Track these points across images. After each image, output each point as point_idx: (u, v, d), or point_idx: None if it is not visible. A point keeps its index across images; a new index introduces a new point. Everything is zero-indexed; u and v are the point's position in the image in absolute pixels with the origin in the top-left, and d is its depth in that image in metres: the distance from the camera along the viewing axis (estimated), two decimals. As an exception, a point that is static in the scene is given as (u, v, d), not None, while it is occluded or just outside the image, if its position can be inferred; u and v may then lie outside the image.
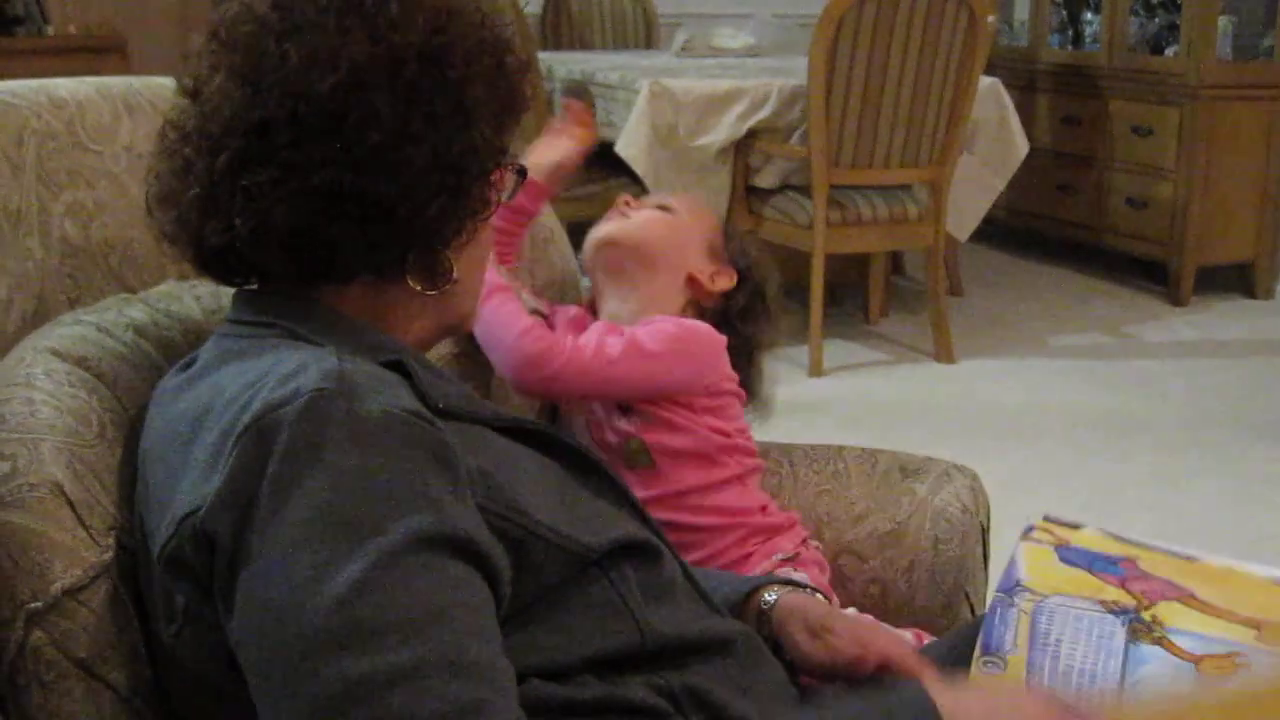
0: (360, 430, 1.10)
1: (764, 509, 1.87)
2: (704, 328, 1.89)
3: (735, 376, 1.92)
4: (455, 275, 1.31)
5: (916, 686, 1.12)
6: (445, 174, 1.24)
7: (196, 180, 1.24)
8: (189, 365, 1.28)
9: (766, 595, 1.50)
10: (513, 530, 1.17)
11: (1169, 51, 6.01)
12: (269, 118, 1.20)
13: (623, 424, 1.84)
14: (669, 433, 1.82)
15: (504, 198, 1.35)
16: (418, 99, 1.22)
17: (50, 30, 5.47)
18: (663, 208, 1.97)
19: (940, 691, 1.13)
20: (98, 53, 5.18)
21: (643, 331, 1.82)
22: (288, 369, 1.14)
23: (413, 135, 1.22)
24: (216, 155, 1.22)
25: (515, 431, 1.32)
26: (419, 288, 1.30)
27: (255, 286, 1.32)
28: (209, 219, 1.24)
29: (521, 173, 1.39)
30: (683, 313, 1.92)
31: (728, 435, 1.87)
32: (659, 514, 1.61)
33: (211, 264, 1.29)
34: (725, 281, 1.96)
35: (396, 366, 1.24)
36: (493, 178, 1.30)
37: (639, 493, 1.60)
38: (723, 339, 1.90)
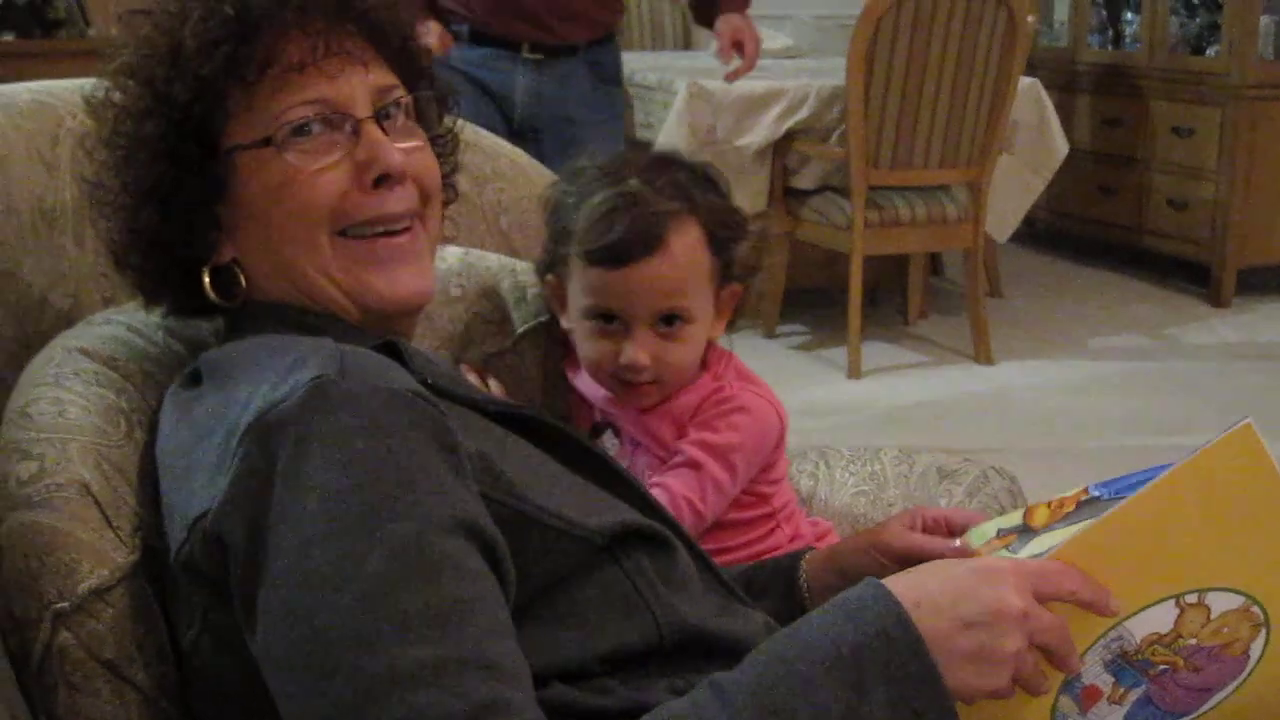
0: (363, 413, 1.08)
1: (792, 540, 1.78)
2: (767, 418, 1.69)
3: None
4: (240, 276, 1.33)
5: (871, 581, 1.08)
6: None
7: None
8: (196, 372, 1.27)
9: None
10: (513, 516, 1.15)
11: (1210, 51, 5.97)
12: None
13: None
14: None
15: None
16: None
17: (92, 33, 5.49)
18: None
19: (895, 580, 1.08)
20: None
21: (715, 467, 1.63)
22: (287, 362, 1.13)
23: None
24: None
25: (507, 417, 1.29)
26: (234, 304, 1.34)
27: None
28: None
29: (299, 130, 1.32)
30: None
31: (765, 497, 1.74)
32: None
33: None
34: (732, 304, 1.72)
35: (389, 348, 1.23)
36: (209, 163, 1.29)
37: None
38: (781, 422, 1.72)
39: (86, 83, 1.61)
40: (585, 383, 1.71)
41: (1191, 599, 1.09)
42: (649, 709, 1.05)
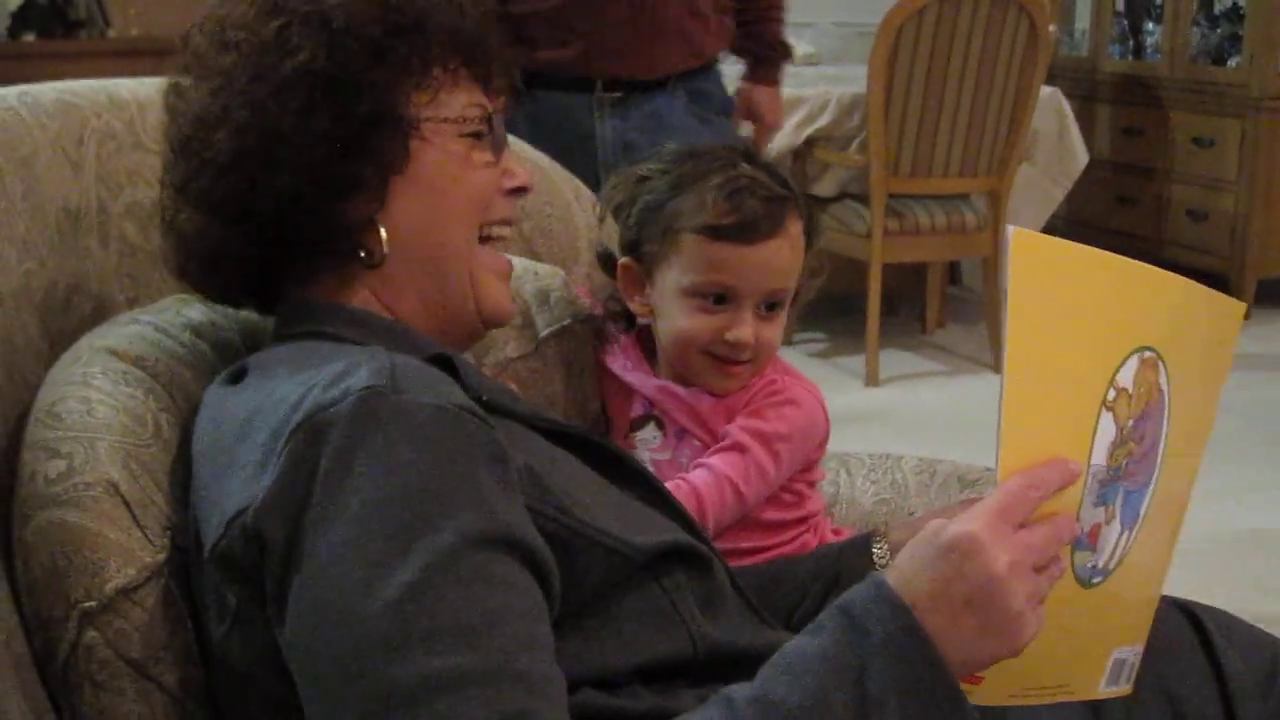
0: (411, 425, 1.09)
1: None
2: (814, 413, 1.73)
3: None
4: (383, 236, 1.32)
5: (874, 581, 1.07)
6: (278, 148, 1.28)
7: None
8: (238, 373, 1.28)
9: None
10: (561, 531, 1.16)
11: (1231, 63, 5.98)
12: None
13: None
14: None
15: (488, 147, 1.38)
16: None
17: (112, 33, 5.51)
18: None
19: (889, 572, 1.08)
20: (161, 55, 5.20)
21: (760, 453, 1.66)
22: (339, 369, 1.14)
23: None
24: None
25: (555, 434, 1.31)
26: (361, 256, 1.32)
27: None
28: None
29: (485, 121, 1.38)
30: None
31: (802, 498, 1.76)
32: None
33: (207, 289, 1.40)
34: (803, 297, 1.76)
35: (442, 361, 1.24)
36: (372, 141, 1.30)
37: None
38: (826, 420, 1.75)
39: (111, 83, 1.63)
40: (634, 374, 1.76)
41: (1111, 394, 1.11)
42: (673, 715, 1.06)
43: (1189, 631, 1.42)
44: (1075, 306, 1.09)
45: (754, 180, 1.63)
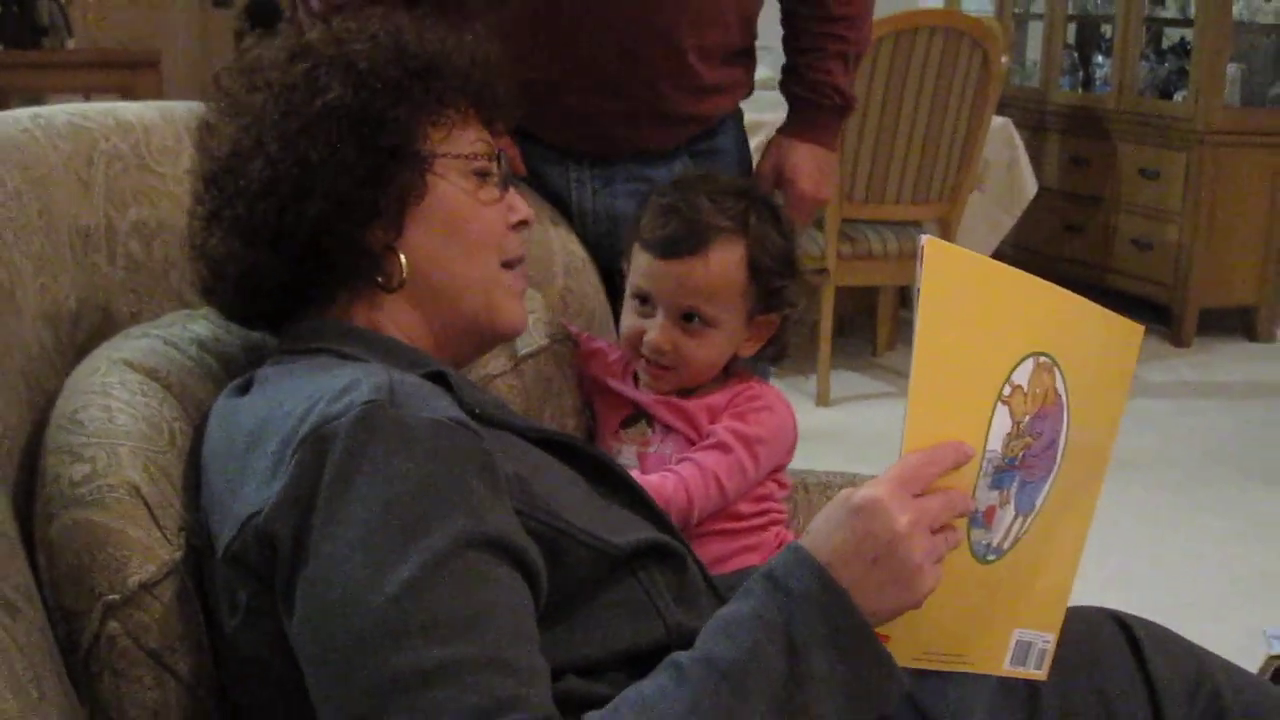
0: (409, 438, 1.19)
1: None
2: (787, 421, 1.87)
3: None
4: (403, 262, 1.43)
5: (793, 546, 1.19)
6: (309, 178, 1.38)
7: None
8: (245, 385, 1.37)
9: None
10: (547, 532, 1.26)
11: (1178, 96, 6.09)
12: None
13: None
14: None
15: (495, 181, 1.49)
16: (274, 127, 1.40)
17: (71, 43, 5.57)
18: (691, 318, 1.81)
19: (805, 536, 1.20)
20: (132, 67, 5.28)
21: (742, 453, 1.78)
22: (342, 383, 1.24)
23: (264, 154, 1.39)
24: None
25: (544, 442, 1.41)
26: (381, 280, 1.43)
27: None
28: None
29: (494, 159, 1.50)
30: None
31: (772, 497, 1.88)
32: None
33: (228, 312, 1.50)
34: (766, 332, 1.88)
35: (438, 378, 1.33)
36: (388, 173, 1.41)
37: None
38: (795, 429, 1.88)
39: (118, 106, 1.70)
40: (621, 383, 1.90)
41: (1007, 390, 1.23)
42: None
43: (1121, 639, 1.52)
44: (977, 309, 1.22)
45: (694, 205, 1.77)
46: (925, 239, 1.18)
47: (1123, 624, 1.54)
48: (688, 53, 2.12)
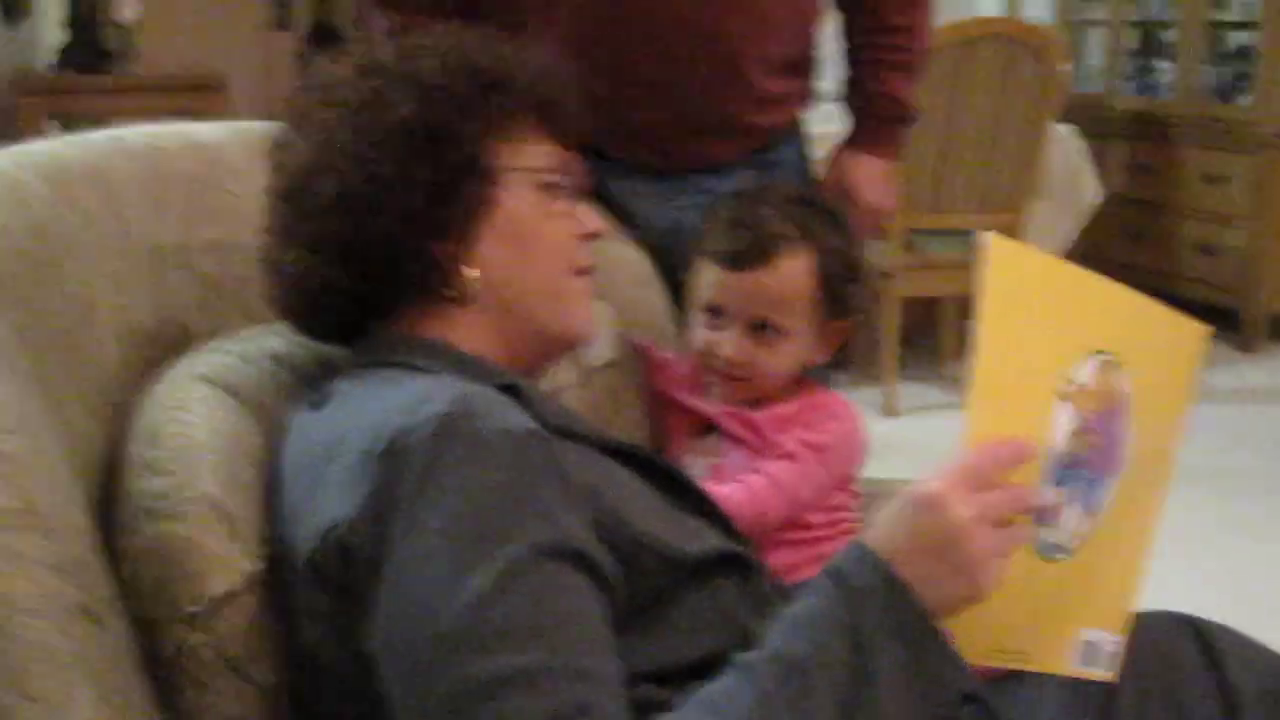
0: (484, 449, 1.20)
1: None
2: (855, 429, 1.87)
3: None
4: (475, 274, 1.44)
5: (855, 544, 1.20)
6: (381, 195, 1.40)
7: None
8: (320, 399, 1.39)
9: None
10: (620, 542, 1.27)
11: (1241, 100, 6.05)
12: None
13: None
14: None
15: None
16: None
17: (137, 68, 5.65)
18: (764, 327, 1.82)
19: (868, 532, 1.21)
20: (197, 90, 5.35)
21: (811, 461, 1.79)
22: (417, 396, 1.25)
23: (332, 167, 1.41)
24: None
25: (615, 452, 1.42)
26: (452, 294, 1.44)
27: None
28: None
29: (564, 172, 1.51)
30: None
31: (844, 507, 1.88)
32: None
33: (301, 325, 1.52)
34: (836, 338, 1.88)
35: (510, 390, 1.35)
36: (460, 187, 1.43)
37: None
38: (864, 438, 1.89)
39: (191, 127, 1.73)
40: (693, 396, 1.91)
41: (1070, 388, 1.24)
42: None
43: (1196, 646, 1.51)
44: (1039, 306, 1.22)
45: (760, 215, 1.79)
46: (990, 235, 1.19)
47: (1198, 630, 1.53)
48: (746, 64, 2.12)
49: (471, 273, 1.44)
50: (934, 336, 5.59)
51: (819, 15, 2.25)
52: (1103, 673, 1.35)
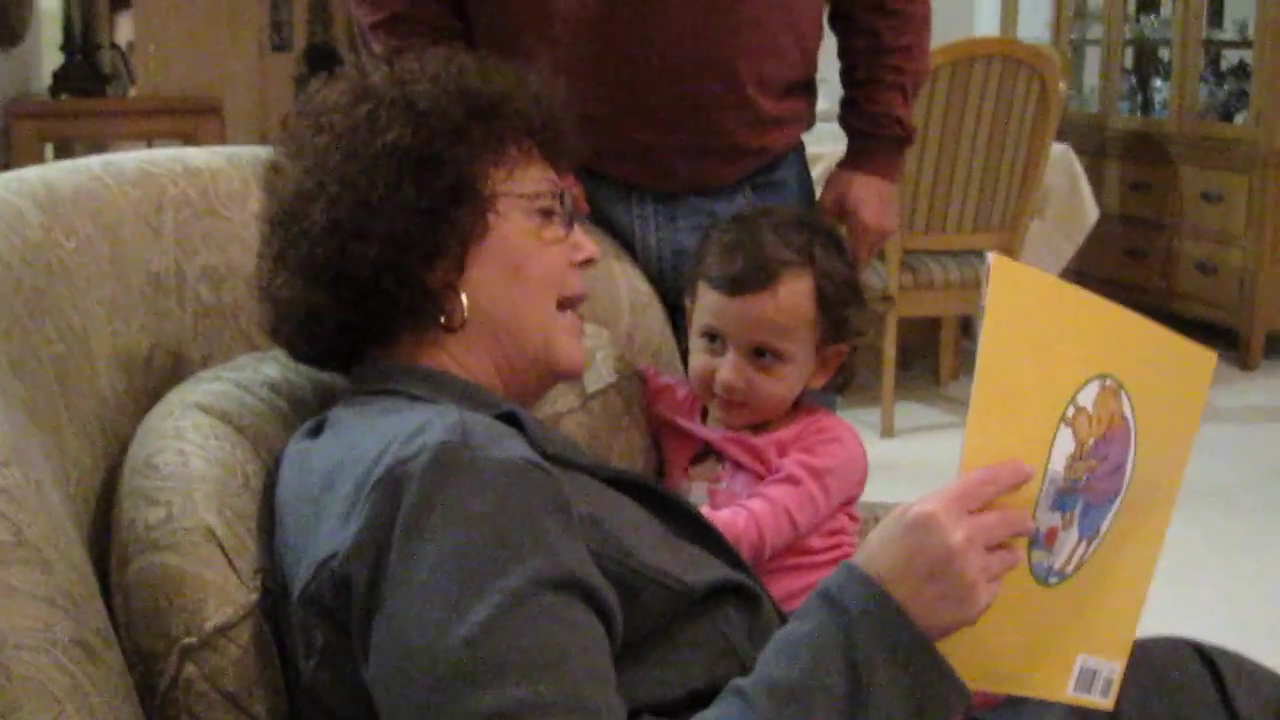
0: (482, 479, 1.19)
1: None
2: (856, 452, 1.85)
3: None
4: (464, 302, 1.43)
5: (846, 565, 1.19)
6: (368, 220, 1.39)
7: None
8: (317, 428, 1.38)
9: None
10: (621, 572, 1.26)
11: (1238, 119, 6.04)
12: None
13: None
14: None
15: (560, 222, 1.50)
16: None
17: (134, 91, 5.65)
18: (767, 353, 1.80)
19: (859, 552, 1.20)
20: (194, 113, 5.35)
21: (812, 485, 1.77)
22: (414, 425, 1.24)
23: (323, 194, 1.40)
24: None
25: (615, 482, 1.41)
26: (444, 320, 1.43)
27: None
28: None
29: (559, 198, 1.51)
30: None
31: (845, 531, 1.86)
32: None
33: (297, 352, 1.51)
34: (835, 362, 1.87)
35: (509, 418, 1.33)
36: (451, 213, 1.42)
37: None
38: (865, 460, 1.87)
39: (185, 152, 1.72)
40: (691, 421, 1.90)
41: (1070, 412, 1.22)
42: None
43: (1202, 669, 1.50)
44: (1042, 328, 1.21)
45: (759, 240, 1.77)
46: (992, 255, 1.17)
47: (1203, 654, 1.52)
48: (747, 85, 2.12)
49: (462, 299, 1.43)
50: (931, 357, 5.58)
51: (819, 37, 2.25)
52: (1100, 700, 1.34)
